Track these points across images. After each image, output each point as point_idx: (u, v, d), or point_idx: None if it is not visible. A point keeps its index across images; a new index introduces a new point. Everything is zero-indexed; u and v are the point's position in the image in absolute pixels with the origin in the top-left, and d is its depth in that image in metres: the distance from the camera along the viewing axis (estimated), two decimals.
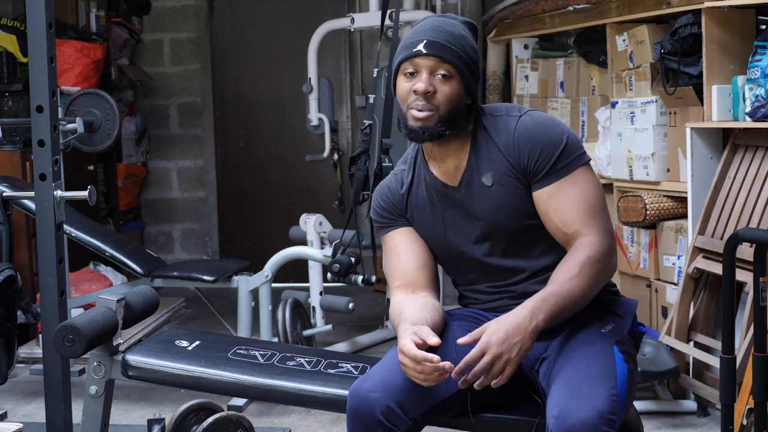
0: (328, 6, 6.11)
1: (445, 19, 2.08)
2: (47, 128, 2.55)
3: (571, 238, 2.00)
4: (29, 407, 3.82)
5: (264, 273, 3.86)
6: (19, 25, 4.92)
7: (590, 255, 1.96)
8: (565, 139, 2.03)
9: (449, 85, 2.01)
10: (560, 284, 1.93)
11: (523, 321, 1.87)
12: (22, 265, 4.56)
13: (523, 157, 2.02)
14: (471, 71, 2.03)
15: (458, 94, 2.02)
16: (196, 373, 2.28)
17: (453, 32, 2.03)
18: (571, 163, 2.02)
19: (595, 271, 1.96)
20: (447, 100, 2.01)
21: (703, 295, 3.59)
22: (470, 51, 2.04)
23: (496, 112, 2.11)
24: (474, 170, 2.07)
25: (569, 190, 2.01)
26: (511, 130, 2.05)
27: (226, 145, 6.47)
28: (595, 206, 2.02)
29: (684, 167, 3.75)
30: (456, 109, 2.03)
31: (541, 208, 2.03)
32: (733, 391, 2.64)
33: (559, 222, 2.01)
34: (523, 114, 2.07)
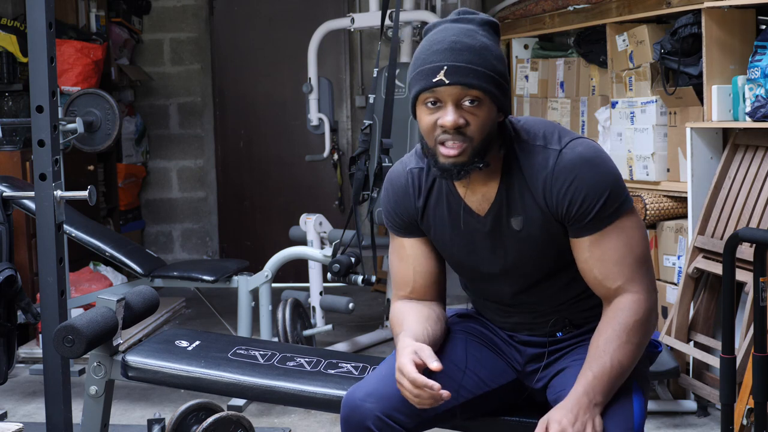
0: (328, 6, 6.11)
1: (463, 26, 1.80)
2: (47, 128, 2.55)
3: (612, 294, 1.84)
4: (29, 407, 3.82)
5: (264, 273, 3.86)
6: (19, 25, 4.92)
7: (637, 319, 1.81)
8: (611, 182, 1.81)
9: (480, 113, 1.77)
10: (609, 355, 1.78)
11: (582, 402, 1.75)
12: (22, 265, 4.56)
13: (561, 204, 1.81)
14: (501, 88, 1.78)
15: (491, 118, 1.79)
16: (196, 374, 2.28)
17: (475, 46, 1.76)
18: (616, 210, 1.81)
19: (642, 334, 1.82)
20: (479, 129, 1.77)
21: (703, 295, 3.59)
22: (497, 64, 1.78)
23: (532, 138, 1.85)
24: (503, 208, 1.87)
25: (614, 239, 1.82)
26: (548, 169, 1.81)
27: (226, 145, 6.47)
28: (640, 258, 1.84)
29: (684, 167, 3.75)
30: (489, 134, 1.79)
31: (581, 257, 1.85)
32: (733, 391, 2.64)
33: (601, 275, 1.83)
34: (563, 147, 1.82)
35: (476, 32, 1.79)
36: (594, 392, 1.77)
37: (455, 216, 1.93)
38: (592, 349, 1.81)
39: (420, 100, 1.81)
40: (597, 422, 1.75)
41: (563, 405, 1.76)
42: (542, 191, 1.82)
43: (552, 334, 2.00)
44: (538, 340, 2.01)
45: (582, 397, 1.76)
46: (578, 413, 1.74)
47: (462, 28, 1.80)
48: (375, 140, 4.35)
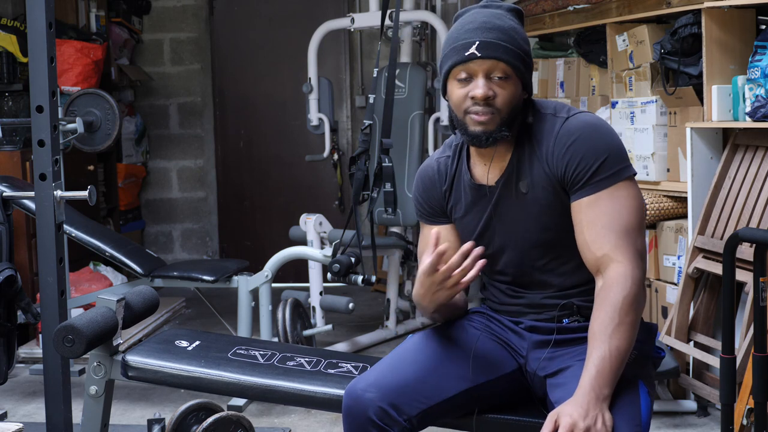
0: (328, 6, 6.11)
1: (492, 11, 1.94)
2: (47, 128, 2.55)
3: (599, 262, 1.88)
4: (29, 407, 3.82)
5: (264, 273, 3.86)
6: (19, 25, 4.92)
7: (626, 295, 1.82)
8: (610, 147, 1.89)
9: (508, 87, 1.90)
10: (607, 344, 1.80)
11: (591, 397, 1.76)
12: (22, 265, 4.56)
13: (561, 164, 1.91)
14: (527, 66, 1.93)
15: (517, 93, 1.92)
16: (196, 374, 2.28)
17: (503, 27, 1.90)
18: (613, 175, 1.88)
19: (633, 311, 1.84)
20: (507, 102, 1.90)
21: (703, 295, 3.59)
22: (524, 44, 1.92)
23: (544, 108, 1.99)
24: (513, 174, 1.97)
25: (606, 204, 1.88)
26: (553, 134, 1.93)
27: (226, 145, 6.47)
28: (629, 227, 1.88)
29: (684, 167, 3.75)
30: (515, 108, 1.92)
31: (575, 219, 1.91)
32: (733, 391, 2.64)
33: (590, 239, 1.88)
34: (570, 116, 1.94)
35: (504, 16, 1.94)
36: (599, 386, 1.78)
37: (471, 191, 2.03)
38: (591, 339, 1.83)
39: (452, 75, 1.93)
40: (607, 417, 1.76)
41: (572, 401, 1.77)
42: (545, 154, 1.93)
43: (559, 320, 2.01)
44: (544, 326, 2.02)
45: (589, 393, 1.77)
46: (588, 408, 1.75)
47: (491, 12, 1.94)
48: (375, 140, 4.35)
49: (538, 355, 2.02)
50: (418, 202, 2.15)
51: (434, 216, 2.12)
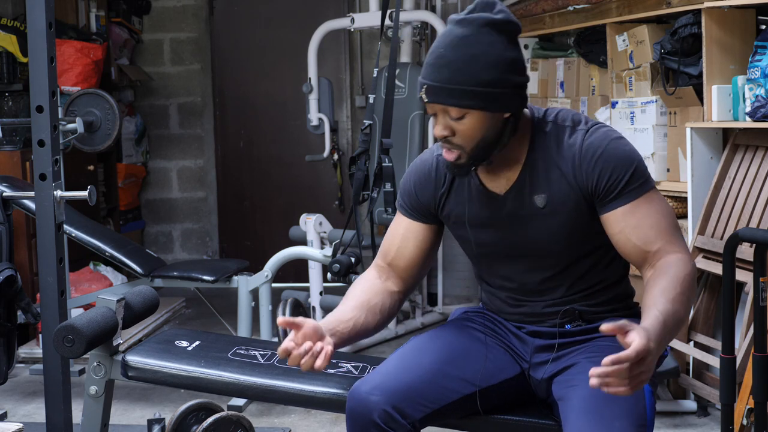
0: (328, 6, 6.11)
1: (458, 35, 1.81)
2: (47, 128, 2.55)
3: (653, 257, 1.86)
4: (29, 407, 3.82)
5: (264, 273, 3.86)
6: (19, 25, 4.92)
7: (687, 273, 1.81)
8: (636, 158, 1.89)
9: (467, 123, 1.83)
10: (670, 304, 1.73)
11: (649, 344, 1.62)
12: (22, 265, 4.56)
13: (591, 178, 1.86)
14: (489, 97, 1.81)
15: (482, 125, 1.84)
16: (196, 374, 2.28)
17: (458, 61, 1.79)
18: (644, 183, 1.88)
19: (692, 289, 1.80)
20: (469, 137, 1.85)
21: (703, 295, 3.59)
22: (486, 73, 1.79)
23: (561, 120, 1.93)
24: (526, 186, 1.92)
25: (646, 207, 1.86)
26: (576, 147, 1.88)
27: (226, 145, 6.47)
28: (674, 224, 1.89)
29: (684, 167, 3.75)
30: (485, 139, 1.85)
31: (615, 228, 1.87)
32: (733, 391, 2.64)
33: (639, 240, 1.86)
34: (590, 128, 1.90)
35: (470, 38, 1.80)
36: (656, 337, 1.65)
37: (475, 200, 1.98)
38: (651, 302, 1.75)
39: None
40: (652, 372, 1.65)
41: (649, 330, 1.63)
42: (572, 167, 1.88)
43: (561, 326, 2.00)
44: (546, 331, 2.01)
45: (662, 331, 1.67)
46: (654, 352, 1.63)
47: (457, 35, 1.82)
48: (375, 140, 4.35)
49: (541, 360, 2.01)
50: (406, 189, 2.09)
51: (417, 212, 2.08)
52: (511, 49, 1.82)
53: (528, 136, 1.93)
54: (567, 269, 1.97)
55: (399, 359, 1.98)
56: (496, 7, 1.83)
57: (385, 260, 2.10)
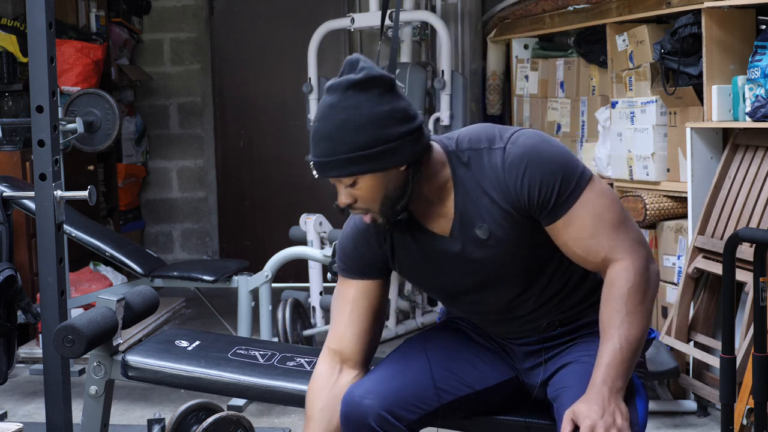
0: (328, 6, 6.11)
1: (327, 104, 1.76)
2: (47, 128, 2.55)
3: (601, 265, 1.83)
4: (29, 407, 3.82)
5: (264, 273, 3.85)
6: (19, 25, 4.92)
7: (631, 286, 1.78)
8: (561, 161, 1.80)
9: (361, 189, 1.78)
10: (617, 336, 1.76)
11: (604, 392, 1.73)
12: (22, 265, 4.56)
13: (522, 197, 1.79)
14: (374, 157, 1.74)
15: (377, 185, 1.77)
16: (196, 374, 2.28)
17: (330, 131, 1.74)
18: (576, 187, 1.80)
19: (642, 297, 1.79)
20: (371, 198, 1.79)
21: (703, 295, 3.59)
22: (360, 136, 1.72)
23: (476, 143, 1.84)
24: (465, 221, 1.85)
25: (582, 215, 1.80)
26: (498, 169, 1.80)
27: (226, 145, 6.47)
28: (615, 221, 1.81)
29: (684, 167, 3.75)
30: (388, 196, 1.79)
31: (559, 241, 1.84)
32: (733, 391, 2.64)
33: (584, 252, 1.82)
34: (507, 143, 1.81)
35: (337, 105, 1.75)
36: (612, 379, 1.74)
37: (423, 245, 1.90)
38: (601, 333, 1.79)
39: None
40: (622, 408, 1.74)
41: (587, 398, 1.74)
42: (500, 192, 1.81)
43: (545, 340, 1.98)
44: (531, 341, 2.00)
45: (602, 388, 1.74)
46: (604, 405, 1.72)
47: (327, 104, 1.77)
48: None
49: (531, 365, 2.00)
50: (348, 257, 1.98)
51: (365, 271, 1.97)
52: (384, 102, 1.74)
53: (447, 171, 1.84)
54: (532, 283, 1.92)
55: (392, 362, 1.97)
56: (359, 64, 1.76)
57: (338, 342, 1.98)
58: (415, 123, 1.77)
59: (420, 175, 1.80)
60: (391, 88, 1.76)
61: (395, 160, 1.76)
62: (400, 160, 1.76)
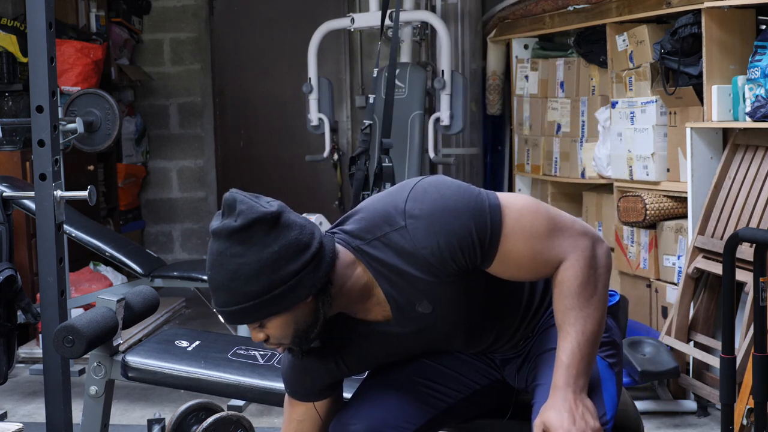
0: (328, 6, 6.11)
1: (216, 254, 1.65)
2: (47, 128, 2.55)
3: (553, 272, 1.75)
4: (29, 407, 3.82)
5: None
6: (19, 25, 4.92)
7: (580, 281, 1.71)
8: (468, 215, 1.67)
9: (270, 328, 1.69)
10: (573, 334, 1.71)
11: (568, 395, 1.69)
12: (22, 265, 4.56)
13: (447, 266, 1.69)
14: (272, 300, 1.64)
15: (286, 322, 1.69)
16: (196, 375, 2.28)
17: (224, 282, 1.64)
18: (492, 226, 1.68)
19: (592, 289, 1.73)
20: (281, 336, 1.71)
21: (703, 295, 3.59)
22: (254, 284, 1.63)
23: (377, 230, 1.71)
24: (401, 305, 1.76)
25: (513, 250, 1.70)
26: (412, 250, 1.68)
27: (226, 145, 6.47)
28: (547, 232, 1.71)
29: (684, 167, 3.75)
30: (300, 328, 1.70)
31: (504, 276, 1.76)
32: (733, 391, 2.64)
33: (532, 275, 1.77)
34: (406, 220, 1.68)
35: (224, 254, 1.65)
36: (574, 379, 1.71)
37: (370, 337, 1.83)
38: (558, 331, 1.75)
39: None
40: (590, 406, 1.71)
41: (553, 405, 1.70)
42: (422, 268, 1.70)
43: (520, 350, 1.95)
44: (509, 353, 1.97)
45: (566, 391, 1.70)
46: (571, 409, 1.68)
47: (213, 252, 1.67)
48: (375, 140, 4.34)
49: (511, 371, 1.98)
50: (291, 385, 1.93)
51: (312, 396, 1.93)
52: (270, 242, 1.64)
53: (361, 268, 1.73)
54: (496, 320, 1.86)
55: (374, 383, 1.94)
56: (236, 209, 1.66)
57: None
58: (311, 250, 1.66)
59: (329, 296, 1.70)
60: (275, 224, 1.66)
61: (298, 297, 1.66)
62: (304, 294, 1.66)
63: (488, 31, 5.38)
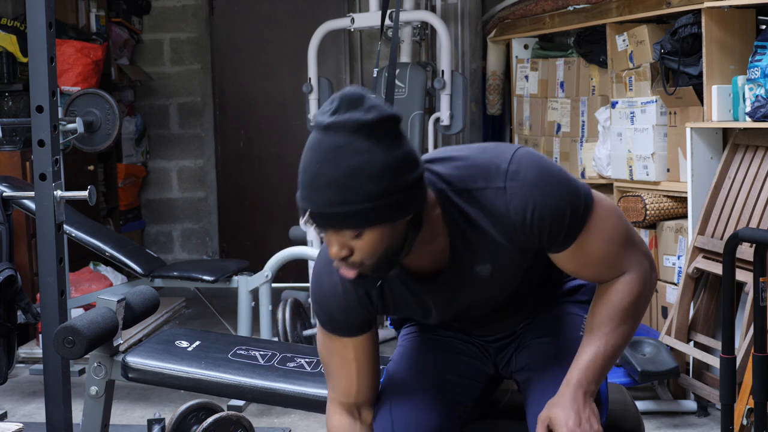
0: (328, 6, 6.11)
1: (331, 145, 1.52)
2: (47, 128, 2.55)
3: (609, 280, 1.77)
4: (29, 407, 3.82)
5: (264, 273, 3.85)
6: (19, 25, 4.92)
7: (632, 299, 1.73)
8: (566, 193, 1.66)
9: (364, 240, 1.57)
10: (604, 340, 1.72)
11: (578, 396, 1.70)
12: (22, 265, 4.56)
13: (531, 239, 1.67)
14: (386, 206, 1.54)
15: (382, 238, 1.58)
16: (196, 375, 2.28)
17: (339, 178, 1.51)
18: (583, 215, 1.68)
19: (638, 312, 1.75)
20: (368, 254, 1.59)
21: (703, 295, 3.59)
22: (374, 186, 1.52)
23: (470, 182, 1.66)
24: (463, 260, 1.72)
25: (592, 242, 1.70)
26: (504, 212, 1.65)
27: (226, 145, 6.47)
28: (623, 242, 1.73)
29: (684, 167, 3.75)
30: (389, 249, 1.60)
31: (567, 267, 1.76)
32: (733, 391, 2.64)
33: (592, 276, 1.77)
34: (506, 181, 1.64)
35: (345, 148, 1.52)
36: (587, 382, 1.71)
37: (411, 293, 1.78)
38: (588, 332, 1.75)
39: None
40: (595, 411, 1.71)
41: (561, 402, 1.70)
42: (504, 232, 1.67)
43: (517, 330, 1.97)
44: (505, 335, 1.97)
45: (577, 391, 1.70)
46: (579, 410, 1.69)
47: (330, 146, 1.53)
48: None
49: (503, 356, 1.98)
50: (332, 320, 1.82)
51: (355, 329, 1.83)
52: (395, 146, 1.54)
53: (438, 212, 1.67)
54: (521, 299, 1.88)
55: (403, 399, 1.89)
56: (365, 102, 1.54)
57: (349, 396, 1.87)
58: (421, 168, 1.59)
59: (420, 224, 1.63)
60: (399, 129, 1.57)
61: (405, 211, 1.58)
62: (409, 210, 1.58)
63: (488, 31, 5.39)
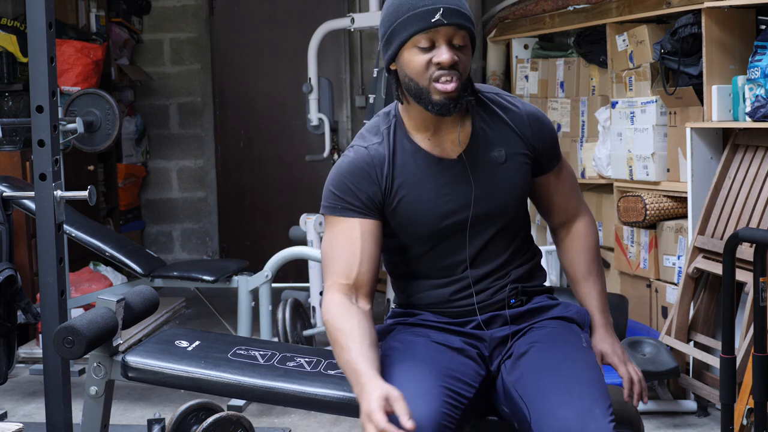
0: (328, 6, 6.11)
1: None
2: (47, 128, 2.55)
3: (569, 218, 2.16)
4: (29, 407, 3.82)
5: (264, 273, 3.85)
6: (19, 25, 4.92)
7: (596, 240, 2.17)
8: (555, 133, 2.12)
9: (467, 53, 1.91)
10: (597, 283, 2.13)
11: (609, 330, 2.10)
12: (22, 265, 4.56)
13: (537, 138, 2.03)
14: (474, 33, 1.95)
15: (469, 58, 1.93)
16: (196, 375, 2.28)
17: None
18: (559, 148, 2.12)
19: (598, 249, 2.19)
20: (467, 68, 1.91)
21: (703, 295, 3.59)
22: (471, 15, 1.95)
23: (486, 90, 2.06)
24: (482, 144, 1.99)
25: (565, 171, 2.13)
26: (518, 110, 2.03)
27: (226, 145, 6.47)
28: (576, 184, 2.19)
29: (684, 167, 3.75)
30: (468, 74, 1.93)
31: (548, 191, 2.12)
32: (733, 391, 2.64)
33: (562, 203, 2.14)
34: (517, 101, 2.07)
35: None
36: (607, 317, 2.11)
37: (425, 168, 1.97)
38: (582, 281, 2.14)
39: (412, 43, 1.88)
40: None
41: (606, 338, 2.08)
42: (521, 126, 2.02)
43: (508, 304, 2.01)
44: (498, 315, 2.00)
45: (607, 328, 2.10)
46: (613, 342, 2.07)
47: None
48: None
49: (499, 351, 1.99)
50: (345, 193, 1.94)
51: (364, 209, 1.94)
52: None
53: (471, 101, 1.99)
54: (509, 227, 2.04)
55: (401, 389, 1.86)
56: None
57: (349, 278, 1.93)
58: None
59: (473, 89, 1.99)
60: None
61: (473, 50, 1.95)
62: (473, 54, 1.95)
63: (488, 31, 5.39)
